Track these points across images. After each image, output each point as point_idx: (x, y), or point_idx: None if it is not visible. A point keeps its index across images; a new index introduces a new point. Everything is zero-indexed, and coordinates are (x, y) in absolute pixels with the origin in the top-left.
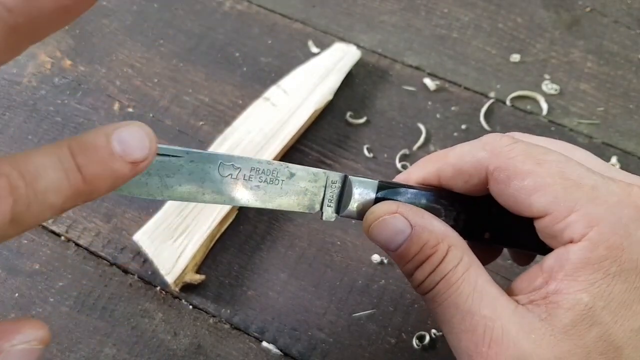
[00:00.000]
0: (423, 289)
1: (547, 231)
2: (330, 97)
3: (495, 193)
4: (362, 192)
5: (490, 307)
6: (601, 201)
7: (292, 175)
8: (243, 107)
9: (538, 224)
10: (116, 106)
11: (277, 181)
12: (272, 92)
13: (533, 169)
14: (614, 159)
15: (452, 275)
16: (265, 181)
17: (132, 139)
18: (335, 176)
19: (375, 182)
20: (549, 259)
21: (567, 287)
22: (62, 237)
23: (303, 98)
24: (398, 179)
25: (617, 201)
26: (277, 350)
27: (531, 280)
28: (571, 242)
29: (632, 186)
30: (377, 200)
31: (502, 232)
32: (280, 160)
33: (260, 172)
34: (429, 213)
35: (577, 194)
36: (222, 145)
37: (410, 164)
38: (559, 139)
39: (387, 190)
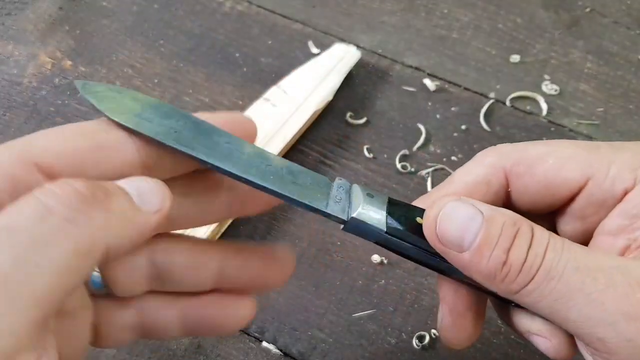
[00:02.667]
0: (528, 275)
1: (593, 199)
2: (330, 97)
3: (520, 190)
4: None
5: (613, 259)
6: (627, 148)
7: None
8: (243, 108)
9: (578, 202)
10: None
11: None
12: (272, 92)
13: (549, 149)
14: None
15: (556, 243)
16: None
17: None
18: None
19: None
20: (614, 221)
21: None
22: None
23: (303, 98)
24: None
25: (637, 143)
26: (277, 350)
27: (607, 249)
28: (625, 193)
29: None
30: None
31: None
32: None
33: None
34: None
35: (602, 151)
36: None
37: (410, 165)
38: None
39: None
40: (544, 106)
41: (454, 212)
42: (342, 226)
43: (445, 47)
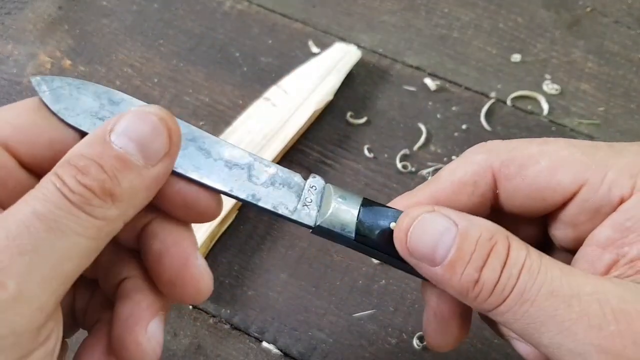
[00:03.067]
0: (500, 297)
1: (587, 205)
2: (330, 97)
3: (509, 193)
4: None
5: (590, 284)
6: (627, 151)
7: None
8: (243, 107)
9: (570, 208)
10: None
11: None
12: (273, 92)
13: (542, 149)
14: None
15: (532, 264)
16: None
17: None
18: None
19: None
20: (604, 232)
21: None
22: None
23: (303, 98)
24: None
25: (639, 145)
26: (277, 351)
27: (594, 262)
28: (622, 201)
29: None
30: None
31: None
32: (281, 160)
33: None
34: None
35: (600, 154)
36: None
37: (411, 164)
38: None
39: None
40: (545, 106)
41: (427, 225)
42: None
43: (446, 46)
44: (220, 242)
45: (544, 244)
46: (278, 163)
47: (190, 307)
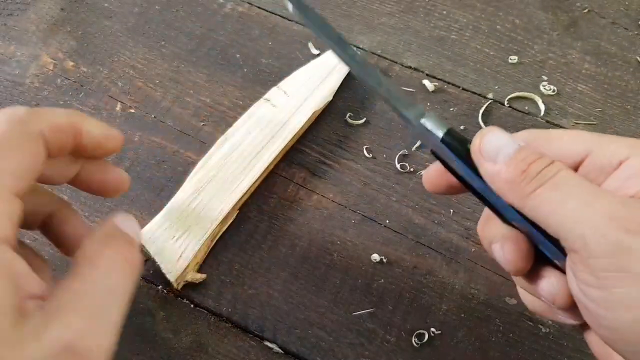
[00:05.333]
0: (539, 182)
1: (593, 167)
2: (330, 98)
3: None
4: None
5: (605, 190)
6: (626, 138)
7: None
8: (244, 108)
9: (581, 170)
10: (118, 107)
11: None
12: (273, 93)
13: (565, 131)
14: None
15: (569, 171)
16: None
17: None
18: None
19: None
20: (607, 184)
21: None
22: None
23: (303, 99)
24: None
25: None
26: (278, 349)
27: None
28: (620, 163)
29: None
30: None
31: None
32: (281, 160)
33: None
34: None
35: (606, 136)
36: (223, 144)
37: (409, 165)
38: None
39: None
40: (542, 106)
41: (498, 135)
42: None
43: (444, 48)
44: (221, 242)
45: None
46: (278, 163)
47: (192, 305)
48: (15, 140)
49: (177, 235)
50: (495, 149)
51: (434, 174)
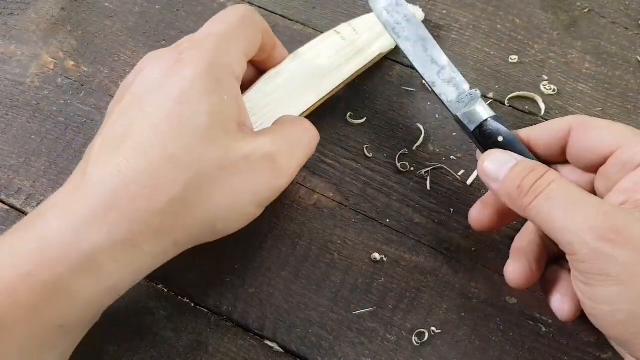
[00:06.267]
0: (532, 195)
1: (617, 163)
2: (393, 46)
3: (573, 144)
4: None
5: (596, 199)
6: None
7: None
8: None
9: (607, 164)
10: None
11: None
12: (343, 27)
13: (607, 123)
14: None
15: (560, 180)
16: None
17: None
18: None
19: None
20: (624, 183)
21: None
22: None
23: (371, 40)
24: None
25: None
26: (278, 348)
27: (609, 201)
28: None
29: None
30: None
31: None
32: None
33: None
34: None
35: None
36: (292, 61)
37: (410, 164)
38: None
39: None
40: (542, 106)
41: (496, 156)
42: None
43: (445, 47)
44: (222, 241)
45: None
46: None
47: (192, 304)
48: (250, 27)
49: None
50: (496, 170)
51: (478, 215)
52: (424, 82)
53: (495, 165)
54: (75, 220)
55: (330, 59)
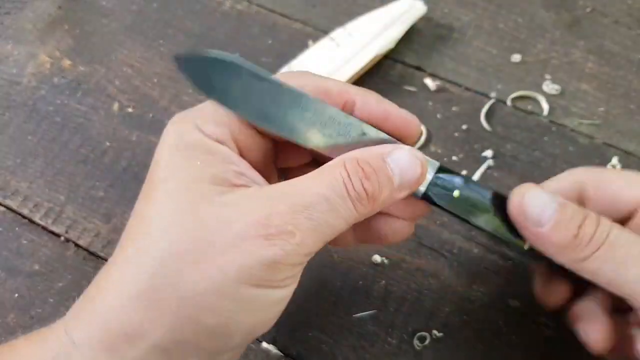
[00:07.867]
0: (595, 246)
1: None
2: (392, 45)
3: (597, 200)
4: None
5: None
6: None
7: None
8: None
9: (636, 217)
10: (116, 106)
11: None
12: (338, 33)
13: (623, 177)
14: (614, 160)
15: (620, 227)
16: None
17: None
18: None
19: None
20: None
21: None
22: (62, 238)
23: (367, 42)
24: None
25: None
26: (277, 351)
27: None
28: None
29: None
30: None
31: None
32: None
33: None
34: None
35: None
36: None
37: None
38: (560, 139)
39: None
40: (545, 106)
41: (538, 195)
42: None
43: (447, 47)
44: None
45: None
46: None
47: None
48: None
49: None
50: (539, 213)
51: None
52: None
53: (539, 205)
54: None
55: (325, 68)
